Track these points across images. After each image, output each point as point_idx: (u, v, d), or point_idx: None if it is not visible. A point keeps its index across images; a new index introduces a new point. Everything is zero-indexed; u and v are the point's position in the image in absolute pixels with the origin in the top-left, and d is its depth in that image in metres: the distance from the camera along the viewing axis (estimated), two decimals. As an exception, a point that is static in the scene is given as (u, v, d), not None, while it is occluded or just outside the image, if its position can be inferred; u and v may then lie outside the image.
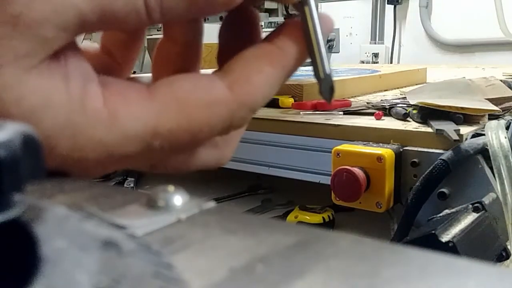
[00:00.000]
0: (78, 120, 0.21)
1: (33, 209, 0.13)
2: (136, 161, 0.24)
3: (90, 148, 0.21)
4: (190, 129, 0.23)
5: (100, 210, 0.18)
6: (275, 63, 0.24)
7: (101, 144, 0.21)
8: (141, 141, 0.22)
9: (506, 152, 0.56)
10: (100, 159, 0.22)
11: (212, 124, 0.23)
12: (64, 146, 0.21)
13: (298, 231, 0.17)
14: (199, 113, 0.23)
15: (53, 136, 0.20)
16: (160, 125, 0.22)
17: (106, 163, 0.23)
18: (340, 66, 1.57)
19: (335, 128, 0.69)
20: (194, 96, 0.23)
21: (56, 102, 0.20)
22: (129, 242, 0.14)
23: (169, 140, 0.23)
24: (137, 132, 0.22)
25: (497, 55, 2.45)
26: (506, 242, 0.56)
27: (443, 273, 0.14)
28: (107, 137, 0.21)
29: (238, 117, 0.24)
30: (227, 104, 0.23)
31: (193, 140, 0.23)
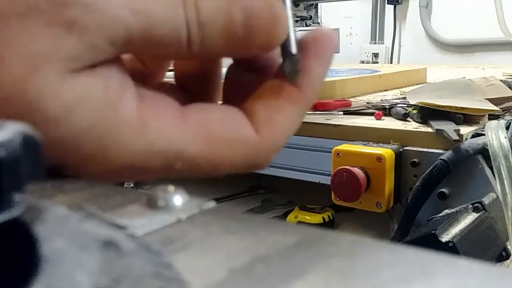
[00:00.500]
0: (109, 123, 0.21)
1: (33, 209, 0.13)
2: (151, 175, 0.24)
3: (114, 153, 0.21)
4: (213, 161, 0.23)
5: (100, 210, 0.18)
6: (295, 101, 0.25)
7: (126, 152, 0.22)
8: (164, 159, 0.23)
9: (506, 152, 0.56)
10: (122, 167, 0.22)
11: (235, 162, 0.24)
12: (91, 146, 0.21)
13: (298, 231, 0.17)
14: (225, 149, 0.24)
15: (81, 135, 0.21)
16: (186, 149, 0.23)
17: (126, 172, 0.23)
18: (340, 66, 1.57)
19: (335, 128, 0.69)
20: (225, 132, 0.24)
21: (91, 103, 0.21)
22: (129, 242, 0.14)
23: (190, 165, 0.23)
24: (163, 149, 0.22)
25: (497, 55, 2.45)
26: (506, 242, 0.56)
27: (443, 273, 0.14)
28: (134, 146, 0.22)
29: (261, 158, 0.25)
30: (253, 145, 0.24)
31: (212, 170, 0.24)
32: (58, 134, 0.20)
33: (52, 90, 0.20)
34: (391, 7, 2.70)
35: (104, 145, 0.21)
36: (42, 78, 0.20)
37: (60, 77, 0.20)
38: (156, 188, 0.19)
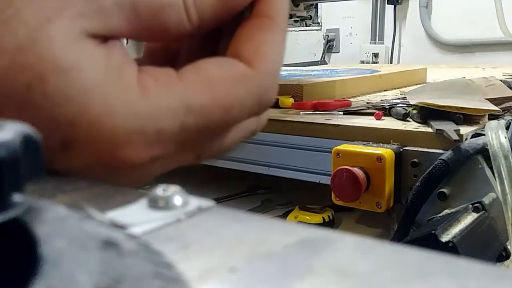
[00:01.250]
0: (112, 85, 0.21)
1: (33, 209, 0.13)
2: (176, 149, 0.24)
3: (121, 115, 0.21)
4: (221, 104, 0.24)
5: (100, 210, 0.18)
6: (270, 29, 0.26)
7: (133, 113, 0.22)
8: (174, 116, 0.22)
9: (506, 152, 0.56)
10: (133, 132, 0.22)
11: (243, 99, 0.24)
12: (97, 107, 0.21)
13: (298, 231, 0.17)
14: (228, 89, 0.24)
15: (88, 92, 0.21)
16: (191, 100, 0.23)
17: (141, 144, 0.22)
18: (340, 66, 1.57)
19: (335, 128, 0.69)
20: (221, 74, 0.24)
21: (95, 64, 0.21)
22: (129, 242, 0.14)
23: (203, 116, 0.23)
24: (169, 105, 0.22)
25: (497, 55, 2.45)
26: (506, 242, 0.56)
27: (443, 273, 0.14)
28: (139, 106, 0.22)
29: (264, 88, 0.25)
30: (252, 78, 0.25)
31: (226, 117, 0.24)
32: (67, 90, 0.20)
33: (63, 43, 0.20)
34: (391, 7, 2.70)
35: (110, 107, 0.21)
36: (54, 30, 0.20)
37: (71, 34, 0.21)
38: (156, 188, 0.19)
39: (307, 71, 1.28)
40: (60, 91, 0.20)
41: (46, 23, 0.20)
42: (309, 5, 1.83)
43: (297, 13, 1.28)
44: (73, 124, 0.21)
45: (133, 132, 0.22)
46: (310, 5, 2.59)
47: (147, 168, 0.24)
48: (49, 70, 0.20)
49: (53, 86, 0.20)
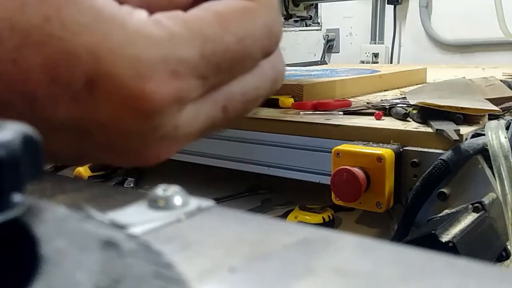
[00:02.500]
0: (128, 15, 0.21)
1: (33, 209, 0.13)
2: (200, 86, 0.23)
3: (141, 44, 0.21)
4: (235, 33, 0.24)
5: (100, 210, 0.18)
6: None
7: (153, 42, 0.21)
8: (192, 44, 0.22)
9: (506, 152, 0.56)
10: (156, 63, 0.21)
11: (252, 30, 0.24)
12: (116, 38, 0.21)
13: (298, 231, 0.17)
14: (237, 20, 0.24)
15: (103, 23, 0.21)
16: (205, 29, 0.23)
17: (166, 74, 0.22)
18: (340, 66, 1.57)
19: (335, 128, 0.69)
20: (228, 8, 0.24)
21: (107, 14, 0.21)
22: (129, 242, 0.14)
23: (219, 44, 0.23)
24: (185, 34, 0.22)
25: (497, 55, 2.45)
26: (506, 242, 0.56)
27: (443, 273, 0.14)
28: (156, 36, 0.21)
29: (272, 20, 0.26)
30: (257, 10, 0.25)
31: (241, 47, 0.24)
32: (84, 18, 0.20)
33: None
34: (391, 7, 2.70)
35: (130, 36, 0.21)
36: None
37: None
38: (156, 188, 0.19)
39: (307, 71, 1.28)
40: (77, 20, 0.20)
41: None
42: (309, 5, 1.83)
43: (297, 13, 1.28)
44: (94, 55, 0.20)
45: (156, 61, 0.21)
46: (310, 5, 2.59)
47: (176, 116, 0.23)
48: (65, 0, 0.20)
49: (70, 16, 0.20)
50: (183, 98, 0.23)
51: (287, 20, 1.31)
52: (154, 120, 0.22)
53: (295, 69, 1.42)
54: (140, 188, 0.91)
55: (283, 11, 1.26)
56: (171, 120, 0.23)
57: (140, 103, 0.21)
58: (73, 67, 0.20)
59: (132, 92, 0.21)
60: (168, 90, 0.22)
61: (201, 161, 0.82)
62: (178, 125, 0.23)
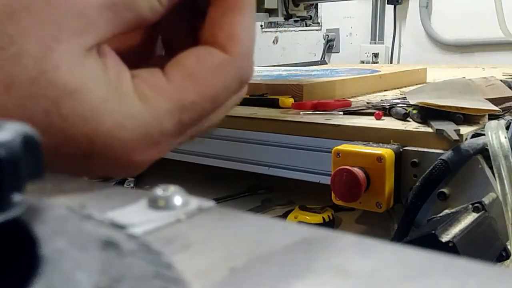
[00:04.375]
0: (115, 98, 0.24)
1: (33, 209, 0.13)
2: (175, 139, 0.27)
3: (129, 126, 0.24)
4: (209, 95, 0.27)
5: (100, 210, 0.18)
6: (237, 10, 0.28)
7: (138, 121, 0.25)
8: (172, 117, 0.26)
9: (506, 152, 0.56)
10: (141, 140, 0.25)
11: (227, 85, 0.27)
12: (107, 124, 0.24)
13: (298, 231, 0.17)
14: (211, 80, 0.27)
15: (95, 113, 0.23)
16: (183, 99, 0.26)
17: (149, 146, 0.25)
18: (340, 66, 1.57)
19: (335, 128, 0.69)
20: (202, 67, 0.27)
21: (97, 80, 0.24)
22: (129, 242, 0.14)
23: (196, 111, 0.26)
24: (166, 108, 0.25)
25: (497, 55, 2.45)
26: (506, 242, 0.56)
27: (443, 273, 0.14)
28: (142, 114, 0.25)
29: (244, 69, 0.28)
30: (230, 63, 0.27)
31: (215, 105, 0.27)
32: (79, 110, 0.23)
33: (68, 66, 0.23)
34: (391, 7, 2.70)
35: (118, 120, 0.24)
36: (58, 56, 0.22)
37: (72, 56, 0.23)
38: (156, 188, 0.19)
39: (307, 71, 1.28)
40: (74, 112, 0.23)
41: (49, 51, 0.22)
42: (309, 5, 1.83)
43: (297, 13, 1.28)
44: (90, 140, 0.24)
45: (141, 138, 0.25)
46: (310, 5, 2.59)
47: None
48: (61, 95, 0.23)
49: (67, 108, 0.23)
50: (164, 154, 0.27)
51: (287, 20, 1.31)
52: (137, 168, 0.27)
53: (295, 69, 1.42)
54: (140, 188, 0.91)
55: (283, 11, 1.26)
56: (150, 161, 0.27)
57: (128, 166, 0.26)
58: (72, 148, 0.24)
59: (121, 161, 0.25)
60: (152, 154, 0.26)
61: (201, 161, 0.82)
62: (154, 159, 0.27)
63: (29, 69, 0.22)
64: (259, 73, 1.22)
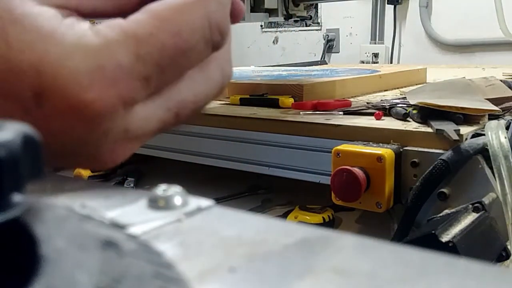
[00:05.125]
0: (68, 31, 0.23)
1: (33, 209, 0.13)
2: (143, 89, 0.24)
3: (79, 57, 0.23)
4: (169, 29, 0.25)
5: (100, 210, 0.18)
6: None
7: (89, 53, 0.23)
8: (127, 48, 0.23)
9: (506, 152, 0.56)
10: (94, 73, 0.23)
11: (190, 22, 0.25)
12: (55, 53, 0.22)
13: (298, 231, 0.17)
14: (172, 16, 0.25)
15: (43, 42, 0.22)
16: (139, 31, 0.24)
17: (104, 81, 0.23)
18: (340, 66, 1.57)
19: (335, 128, 0.69)
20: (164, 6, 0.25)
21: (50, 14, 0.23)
22: (129, 242, 0.14)
23: (154, 44, 0.24)
24: (119, 40, 0.23)
25: (497, 55, 2.45)
26: (506, 242, 0.56)
27: (443, 273, 0.14)
28: (93, 46, 0.23)
29: (210, 10, 0.26)
30: (196, 4, 0.26)
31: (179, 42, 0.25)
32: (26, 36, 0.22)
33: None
34: (391, 7, 2.70)
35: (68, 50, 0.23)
36: None
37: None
38: (156, 188, 0.19)
39: (307, 71, 1.28)
40: (20, 39, 0.22)
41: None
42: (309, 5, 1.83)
43: (297, 13, 1.28)
44: (37, 70, 0.22)
45: (93, 70, 0.23)
46: (310, 5, 2.59)
47: (124, 119, 0.24)
48: (9, 20, 0.22)
49: (13, 35, 0.22)
50: (127, 101, 0.24)
51: (287, 20, 1.31)
52: (102, 125, 0.23)
53: (295, 69, 1.42)
54: (140, 188, 0.91)
55: (283, 11, 1.26)
56: (120, 124, 0.24)
57: (84, 111, 0.23)
58: (20, 82, 0.22)
59: (74, 102, 0.23)
60: (109, 95, 0.23)
61: (201, 161, 0.82)
62: (128, 129, 0.24)
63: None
64: (259, 73, 1.22)
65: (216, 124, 0.80)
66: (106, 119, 0.23)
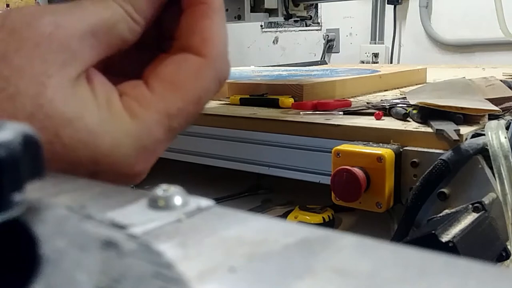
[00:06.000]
0: (109, 119, 0.26)
1: (33, 209, 0.13)
2: (168, 143, 0.29)
3: (126, 144, 0.26)
4: (193, 100, 0.28)
5: (100, 210, 0.18)
6: (210, 15, 0.29)
7: (133, 137, 0.26)
8: (162, 126, 0.27)
9: (506, 152, 0.56)
10: (139, 152, 0.27)
11: (207, 88, 0.29)
12: (106, 145, 0.26)
13: (298, 231, 0.17)
14: (192, 85, 0.28)
15: (93, 137, 0.25)
16: (169, 107, 0.27)
17: (147, 156, 0.28)
18: (340, 66, 1.57)
19: (335, 128, 0.69)
20: (182, 75, 0.28)
21: (89, 106, 0.26)
22: (129, 242, 0.14)
23: (182, 116, 0.28)
24: (156, 120, 0.27)
25: (497, 55, 2.45)
26: (506, 242, 0.56)
27: (443, 273, 0.14)
28: (135, 129, 0.27)
29: (220, 69, 0.29)
30: (207, 66, 0.29)
31: (199, 106, 0.29)
32: (78, 136, 0.25)
33: (61, 98, 0.24)
34: (391, 7, 2.70)
35: (114, 138, 0.26)
36: (51, 91, 0.24)
37: (63, 87, 0.25)
38: (156, 188, 0.19)
39: (307, 71, 1.28)
40: (73, 139, 0.25)
41: (42, 87, 0.24)
42: (309, 5, 1.83)
43: (297, 13, 1.28)
44: (93, 161, 0.25)
45: (139, 152, 0.27)
46: (310, 5, 2.59)
47: None
48: (60, 125, 0.24)
49: (67, 136, 0.25)
50: (159, 156, 0.29)
51: (287, 20, 1.31)
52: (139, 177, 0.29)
53: (295, 69, 1.42)
54: (140, 188, 0.91)
55: (283, 11, 1.26)
56: None
57: (132, 178, 0.28)
58: (78, 170, 0.25)
59: (125, 174, 0.27)
60: (150, 162, 0.29)
61: (201, 161, 0.82)
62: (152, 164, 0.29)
63: (27, 106, 0.24)
64: (259, 73, 1.22)
65: (216, 124, 0.80)
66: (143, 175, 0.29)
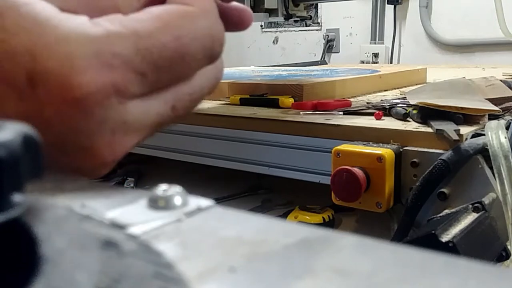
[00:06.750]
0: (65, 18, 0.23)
1: (33, 209, 0.13)
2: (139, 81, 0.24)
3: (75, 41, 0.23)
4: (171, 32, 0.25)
5: (100, 210, 0.18)
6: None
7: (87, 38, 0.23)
8: (127, 41, 0.24)
9: (506, 152, 0.56)
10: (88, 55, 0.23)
11: (191, 30, 0.26)
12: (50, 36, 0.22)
13: (298, 231, 0.17)
14: (174, 21, 0.25)
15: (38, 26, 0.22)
16: (140, 28, 0.24)
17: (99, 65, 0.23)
18: (340, 66, 1.57)
19: (335, 128, 0.69)
20: (166, 11, 0.26)
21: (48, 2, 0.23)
22: (129, 242, 0.14)
23: (154, 43, 0.24)
24: (120, 32, 0.24)
25: (497, 55, 2.45)
26: (506, 242, 0.56)
27: (443, 273, 0.14)
28: (92, 33, 0.23)
29: (213, 24, 0.27)
30: (195, 13, 0.26)
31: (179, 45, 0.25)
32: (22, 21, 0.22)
33: None
34: (391, 7, 2.70)
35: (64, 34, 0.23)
36: None
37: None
38: (156, 188, 0.19)
39: (307, 71, 1.28)
40: (16, 23, 0.22)
41: None
42: (309, 5, 1.83)
43: (297, 13, 1.28)
44: (32, 52, 0.22)
45: (90, 55, 0.23)
46: (310, 5, 2.59)
47: (120, 110, 0.24)
48: (6, 6, 0.22)
49: (10, 19, 0.22)
50: (121, 91, 0.24)
51: (287, 20, 1.31)
52: (96, 113, 0.23)
53: (295, 69, 1.42)
54: (140, 188, 0.91)
55: (283, 11, 1.26)
56: (116, 114, 0.24)
57: (76, 94, 0.22)
58: (14, 65, 0.22)
59: (67, 85, 0.22)
60: (103, 80, 0.23)
61: (201, 161, 0.82)
62: (126, 120, 0.24)
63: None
64: (259, 73, 1.22)
65: (216, 124, 0.80)
66: (99, 106, 0.23)
